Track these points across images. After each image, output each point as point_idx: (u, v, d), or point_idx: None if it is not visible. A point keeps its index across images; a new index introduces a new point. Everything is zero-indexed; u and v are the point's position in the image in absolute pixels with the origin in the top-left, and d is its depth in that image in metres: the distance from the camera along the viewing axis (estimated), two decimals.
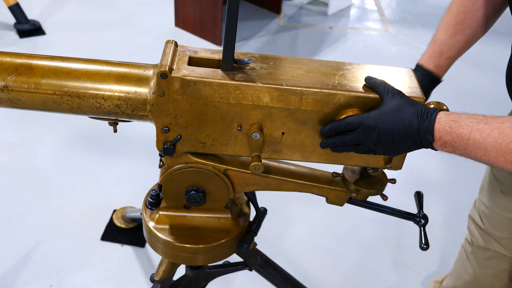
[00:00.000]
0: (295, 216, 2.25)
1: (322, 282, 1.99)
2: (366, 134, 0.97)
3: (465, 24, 1.28)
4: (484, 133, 0.88)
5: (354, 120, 0.98)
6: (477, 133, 0.89)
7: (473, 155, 0.91)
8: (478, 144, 0.89)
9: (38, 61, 1.04)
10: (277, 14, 3.96)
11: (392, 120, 0.95)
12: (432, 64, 1.30)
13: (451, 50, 1.29)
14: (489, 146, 0.88)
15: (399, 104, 0.96)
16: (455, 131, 0.91)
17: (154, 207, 1.21)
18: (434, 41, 1.31)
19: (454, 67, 1.33)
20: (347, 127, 0.99)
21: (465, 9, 1.27)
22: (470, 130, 0.90)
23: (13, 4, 3.25)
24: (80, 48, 3.22)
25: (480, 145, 0.89)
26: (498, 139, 0.87)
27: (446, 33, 1.29)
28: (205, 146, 1.08)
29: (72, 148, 2.48)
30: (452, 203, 2.39)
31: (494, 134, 0.88)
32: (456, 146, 0.92)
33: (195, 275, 1.45)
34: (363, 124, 0.97)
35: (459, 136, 0.90)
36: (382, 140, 0.96)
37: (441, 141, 0.93)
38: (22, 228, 2.07)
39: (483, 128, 0.89)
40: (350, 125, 0.98)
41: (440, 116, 0.93)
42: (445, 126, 0.92)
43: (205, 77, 0.99)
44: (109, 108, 1.05)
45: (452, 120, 0.92)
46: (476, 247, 1.55)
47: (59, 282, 1.89)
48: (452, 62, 1.31)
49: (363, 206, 1.21)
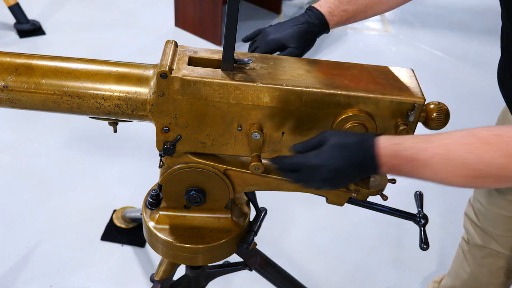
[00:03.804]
0: (295, 216, 2.25)
1: (322, 282, 1.99)
2: (311, 174, 0.96)
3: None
4: (430, 151, 0.88)
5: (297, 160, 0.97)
6: (423, 152, 0.88)
7: (422, 175, 0.90)
8: (425, 163, 0.88)
9: (38, 61, 1.04)
10: (277, 14, 3.96)
11: (336, 157, 0.93)
12: (325, 8, 1.20)
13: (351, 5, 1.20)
14: (436, 164, 0.88)
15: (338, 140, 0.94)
16: (401, 154, 0.90)
17: (154, 207, 1.21)
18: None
19: (454, 67, 1.32)
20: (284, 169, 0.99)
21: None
22: (415, 150, 0.89)
23: (13, 4, 3.25)
24: (80, 48, 3.22)
25: (427, 164, 0.88)
26: (445, 156, 0.87)
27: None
28: (205, 146, 1.08)
29: (72, 148, 2.48)
30: (452, 203, 2.39)
31: (440, 152, 0.87)
32: (403, 169, 0.91)
33: (195, 275, 1.45)
34: (304, 166, 0.96)
35: (405, 158, 0.90)
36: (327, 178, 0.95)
37: (388, 165, 0.92)
38: (22, 228, 2.07)
39: (428, 147, 0.88)
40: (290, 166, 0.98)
41: (381, 141, 0.92)
42: (390, 150, 0.91)
43: (205, 77, 0.99)
44: (109, 108, 1.05)
45: (395, 144, 0.91)
46: (473, 245, 1.55)
47: (59, 282, 1.89)
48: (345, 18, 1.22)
49: (363, 206, 1.21)
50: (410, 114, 1.01)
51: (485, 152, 0.84)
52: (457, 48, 3.70)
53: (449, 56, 3.59)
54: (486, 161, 0.84)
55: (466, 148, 0.86)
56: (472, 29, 3.95)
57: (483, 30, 3.86)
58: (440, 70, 3.44)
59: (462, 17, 4.10)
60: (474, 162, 0.85)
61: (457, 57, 3.58)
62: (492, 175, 0.85)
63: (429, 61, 3.52)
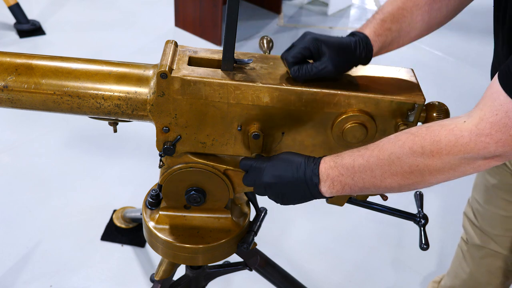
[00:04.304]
0: (295, 216, 2.25)
1: (322, 282, 1.99)
2: (255, 176, 1.03)
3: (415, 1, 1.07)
4: (366, 155, 0.91)
5: (249, 162, 1.04)
6: (360, 158, 0.92)
7: (361, 182, 0.93)
8: (363, 167, 0.91)
9: (38, 61, 1.04)
10: (277, 14, 3.96)
11: (281, 166, 0.99)
12: (369, 29, 1.06)
13: (394, 23, 1.07)
14: (373, 165, 0.90)
15: (289, 155, 1.00)
16: (339, 163, 0.94)
17: (154, 207, 1.21)
18: (376, 12, 1.10)
19: (454, 67, 1.31)
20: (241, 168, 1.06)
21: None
22: (353, 158, 0.93)
23: (13, 4, 3.25)
24: (80, 48, 3.22)
25: (365, 168, 0.91)
26: (379, 155, 0.89)
27: (392, 6, 1.08)
28: (205, 146, 1.08)
29: (72, 148, 2.48)
30: (452, 204, 2.39)
31: (375, 153, 0.90)
32: (344, 179, 0.94)
33: (195, 275, 1.45)
34: (252, 167, 1.03)
35: (344, 166, 0.93)
36: (270, 183, 1.00)
37: (328, 181, 0.95)
38: (22, 228, 2.07)
39: (364, 153, 0.92)
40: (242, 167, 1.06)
41: (325, 157, 0.97)
42: (329, 163, 0.95)
43: (205, 77, 0.99)
44: (109, 108, 1.04)
45: (335, 156, 0.96)
46: (472, 245, 1.56)
47: (59, 282, 1.89)
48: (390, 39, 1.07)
49: (363, 206, 1.21)
50: (410, 114, 1.01)
51: (415, 144, 0.85)
52: (457, 48, 3.70)
53: (449, 56, 3.59)
54: (416, 151, 0.85)
55: (397, 144, 0.88)
56: (472, 29, 3.95)
57: (483, 30, 3.85)
58: (440, 70, 3.44)
59: (462, 17, 4.07)
60: (405, 156, 0.86)
61: (457, 57, 3.58)
62: (424, 166, 0.85)
63: (429, 61, 3.52)
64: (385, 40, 1.06)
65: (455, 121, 0.84)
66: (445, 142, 0.83)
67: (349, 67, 1.03)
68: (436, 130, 0.84)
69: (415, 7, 1.07)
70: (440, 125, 0.85)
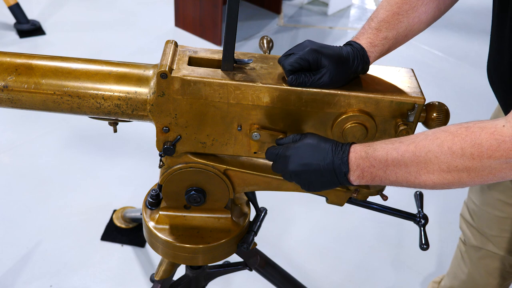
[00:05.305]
0: (295, 216, 2.25)
1: (322, 282, 1.99)
2: (284, 164, 0.99)
3: (411, 4, 1.07)
4: (401, 150, 0.89)
5: (276, 151, 1.00)
6: (394, 152, 0.89)
7: (394, 176, 0.90)
8: (397, 162, 0.89)
9: (38, 61, 1.04)
10: (277, 14, 3.96)
11: (307, 153, 0.96)
12: (365, 40, 1.06)
13: (390, 30, 1.06)
14: (408, 161, 0.88)
15: (315, 141, 0.97)
16: (371, 155, 0.91)
17: (154, 207, 1.21)
18: (370, 19, 1.09)
19: (454, 67, 1.31)
20: (268, 158, 1.03)
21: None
22: (387, 151, 0.90)
23: (13, 4, 3.25)
24: (80, 48, 3.22)
25: (400, 163, 0.89)
26: (416, 152, 0.87)
27: (387, 11, 1.07)
28: (205, 146, 1.08)
29: (72, 148, 2.48)
30: (452, 204, 2.39)
31: (410, 149, 0.88)
32: (375, 171, 0.91)
33: (195, 275, 1.45)
34: (278, 156, 1.00)
35: (377, 159, 0.90)
36: (297, 171, 0.97)
37: (358, 170, 0.92)
38: (22, 228, 2.07)
39: (398, 147, 0.89)
40: (268, 157, 1.02)
41: (355, 146, 0.94)
42: (360, 153, 0.92)
43: (205, 77, 0.99)
44: (109, 108, 1.05)
45: (367, 146, 0.92)
46: (469, 246, 1.56)
47: (59, 282, 1.89)
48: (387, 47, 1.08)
49: (363, 206, 1.21)
50: (410, 114, 1.01)
51: (454, 144, 0.84)
52: (457, 48, 3.70)
53: (449, 56, 3.59)
54: (456, 152, 0.84)
55: (436, 142, 0.86)
56: (472, 29, 3.95)
57: (483, 30, 3.85)
58: (440, 70, 3.44)
59: (462, 17, 4.10)
60: (444, 155, 0.85)
61: (457, 57, 3.58)
62: (462, 167, 0.84)
63: (429, 61, 3.52)
64: (381, 50, 1.07)
65: (493, 124, 0.83)
66: (486, 146, 0.81)
67: (345, 81, 1.02)
68: (477, 132, 0.83)
69: (411, 9, 1.07)
70: (479, 127, 0.83)
